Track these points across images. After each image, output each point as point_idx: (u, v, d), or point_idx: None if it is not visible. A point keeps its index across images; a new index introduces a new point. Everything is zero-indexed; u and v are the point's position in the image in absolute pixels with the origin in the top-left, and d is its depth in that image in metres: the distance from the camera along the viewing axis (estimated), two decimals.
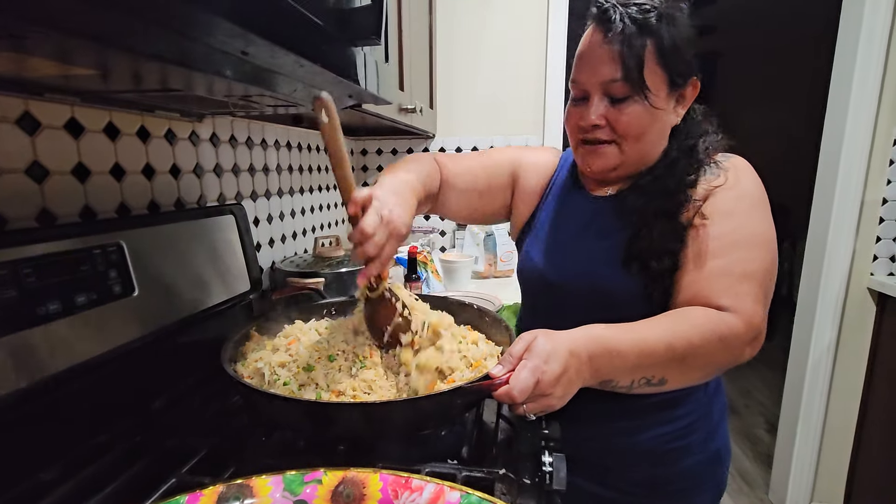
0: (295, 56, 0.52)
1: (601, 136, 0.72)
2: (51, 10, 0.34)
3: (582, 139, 0.75)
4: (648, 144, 0.73)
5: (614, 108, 0.70)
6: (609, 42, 0.67)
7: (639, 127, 0.70)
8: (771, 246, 0.68)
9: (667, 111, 0.72)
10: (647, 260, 0.70)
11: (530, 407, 0.55)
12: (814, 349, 1.89)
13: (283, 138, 1.41)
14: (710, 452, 0.80)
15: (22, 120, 0.68)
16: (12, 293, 0.56)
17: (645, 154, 0.74)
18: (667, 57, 0.67)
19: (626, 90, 0.68)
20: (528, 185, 0.90)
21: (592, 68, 0.69)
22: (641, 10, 0.66)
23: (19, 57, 0.48)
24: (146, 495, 0.51)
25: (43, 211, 0.70)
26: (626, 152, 0.73)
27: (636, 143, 0.72)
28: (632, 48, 0.66)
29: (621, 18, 0.66)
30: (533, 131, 1.98)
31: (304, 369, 0.64)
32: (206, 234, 0.94)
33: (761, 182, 0.72)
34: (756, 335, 0.63)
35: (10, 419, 0.56)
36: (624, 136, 0.71)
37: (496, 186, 0.91)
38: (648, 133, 0.71)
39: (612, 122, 0.71)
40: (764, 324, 0.65)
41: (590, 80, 0.70)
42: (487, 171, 0.90)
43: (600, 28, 0.68)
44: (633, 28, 0.65)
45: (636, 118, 0.69)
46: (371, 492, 0.45)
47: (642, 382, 0.62)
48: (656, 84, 0.68)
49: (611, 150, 0.73)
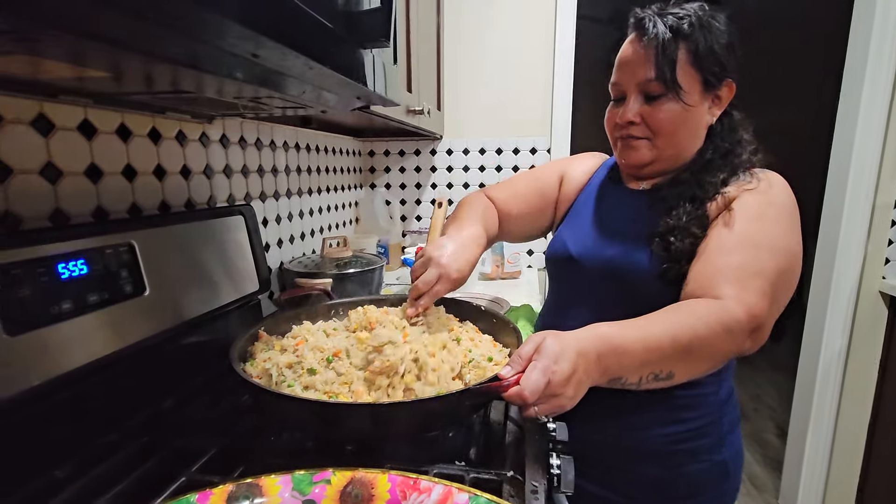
0: (305, 58, 0.52)
1: (635, 133, 0.78)
2: (64, 13, 0.34)
3: (619, 136, 0.81)
4: (682, 141, 0.78)
5: (649, 105, 0.76)
6: (645, 46, 0.74)
7: (672, 123, 0.75)
8: (792, 256, 0.69)
9: (700, 110, 0.76)
10: (669, 238, 0.73)
11: (542, 408, 0.55)
12: (824, 353, 1.87)
13: (291, 140, 1.42)
14: (718, 462, 0.79)
15: (37, 121, 0.69)
16: (27, 292, 0.57)
17: (679, 151, 0.79)
18: (700, 59, 0.73)
19: (661, 89, 0.74)
20: (571, 185, 0.97)
21: (630, 70, 0.76)
22: (676, 18, 0.73)
23: (34, 59, 0.49)
24: (156, 493, 0.51)
25: (56, 211, 0.71)
26: (660, 147, 0.78)
27: (670, 139, 0.77)
28: (665, 51, 0.72)
29: (655, 25, 0.73)
30: (541, 133, 1.97)
31: (309, 372, 0.64)
32: (216, 234, 0.95)
33: (795, 199, 0.74)
34: (757, 326, 0.63)
35: (25, 416, 0.56)
36: (657, 132, 0.76)
37: (548, 201, 0.98)
38: (681, 129, 0.76)
39: (647, 118, 0.76)
40: (768, 319, 0.65)
41: (627, 80, 0.77)
42: (537, 190, 0.98)
43: (638, 35, 0.75)
44: (667, 33, 0.72)
45: (670, 115, 0.75)
46: (379, 492, 0.45)
47: (650, 378, 0.62)
48: (689, 83, 0.74)
49: (645, 145, 0.79)
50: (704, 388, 0.78)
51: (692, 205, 0.75)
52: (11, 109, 0.65)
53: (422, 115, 1.44)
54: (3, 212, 0.64)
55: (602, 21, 1.98)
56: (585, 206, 0.92)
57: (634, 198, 0.85)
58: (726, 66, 0.75)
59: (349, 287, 1.20)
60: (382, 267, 1.33)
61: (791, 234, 0.70)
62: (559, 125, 1.95)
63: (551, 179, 0.99)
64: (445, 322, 0.79)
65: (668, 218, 0.76)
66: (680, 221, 0.74)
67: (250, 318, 1.05)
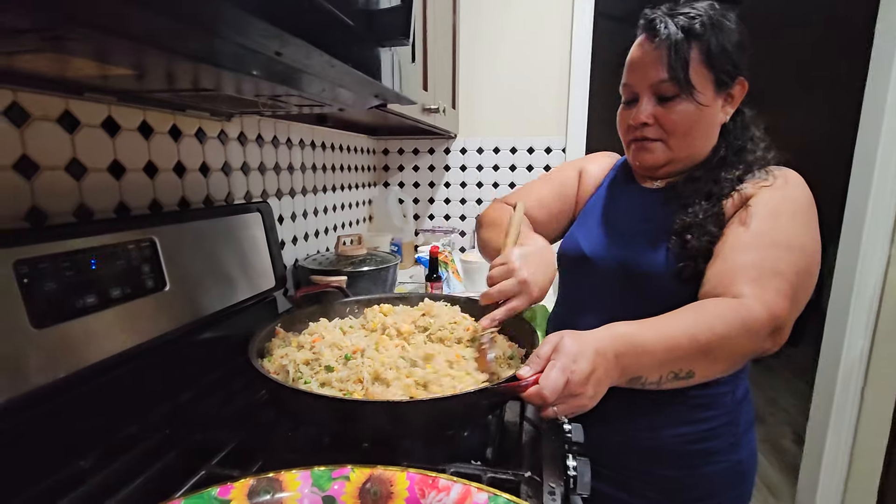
0: (328, 56, 0.52)
1: (649, 134, 0.77)
2: (93, 11, 0.35)
3: (632, 138, 0.80)
4: (697, 141, 0.77)
5: (663, 106, 0.75)
6: (657, 47, 0.73)
7: (686, 123, 0.75)
8: (810, 254, 0.67)
9: (714, 109, 0.75)
10: (686, 235, 0.73)
11: (562, 408, 0.54)
12: (845, 358, 1.83)
13: (307, 137, 1.43)
14: (734, 462, 0.78)
15: (62, 119, 0.70)
16: (53, 286, 0.58)
17: (694, 150, 0.78)
18: (713, 59, 0.72)
19: (674, 89, 0.73)
20: (587, 183, 0.97)
21: (642, 71, 0.76)
22: (687, 18, 0.72)
23: (62, 57, 0.50)
24: (177, 486, 0.52)
25: (80, 206, 0.73)
26: (675, 148, 0.77)
27: (684, 140, 0.76)
28: (678, 51, 0.71)
29: (667, 26, 0.72)
30: (556, 132, 1.96)
31: (326, 369, 0.64)
32: (234, 231, 0.96)
33: (812, 196, 0.72)
34: (778, 327, 0.62)
35: (51, 408, 0.58)
36: (672, 133, 0.76)
37: (569, 202, 0.98)
38: (696, 129, 0.76)
39: (661, 119, 0.76)
40: (788, 319, 0.63)
41: (639, 82, 0.76)
42: (557, 192, 0.97)
43: (649, 36, 0.75)
44: (678, 33, 0.72)
45: (684, 115, 0.74)
46: (398, 490, 0.45)
47: (670, 377, 0.61)
48: (702, 83, 0.73)
49: (659, 147, 0.78)
50: (720, 388, 0.77)
51: (708, 202, 0.75)
52: (39, 106, 0.66)
53: (437, 114, 1.44)
54: (30, 207, 0.66)
55: (618, 18, 1.96)
56: (598, 205, 0.91)
57: (648, 196, 0.84)
58: (738, 64, 0.74)
59: (363, 285, 1.21)
60: (397, 265, 1.33)
61: (808, 230, 0.69)
62: (575, 124, 1.93)
63: (571, 180, 0.98)
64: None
65: (684, 215, 0.75)
66: (696, 218, 0.73)
67: (266, 314, 1.06)
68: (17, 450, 0.54)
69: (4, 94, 0.62)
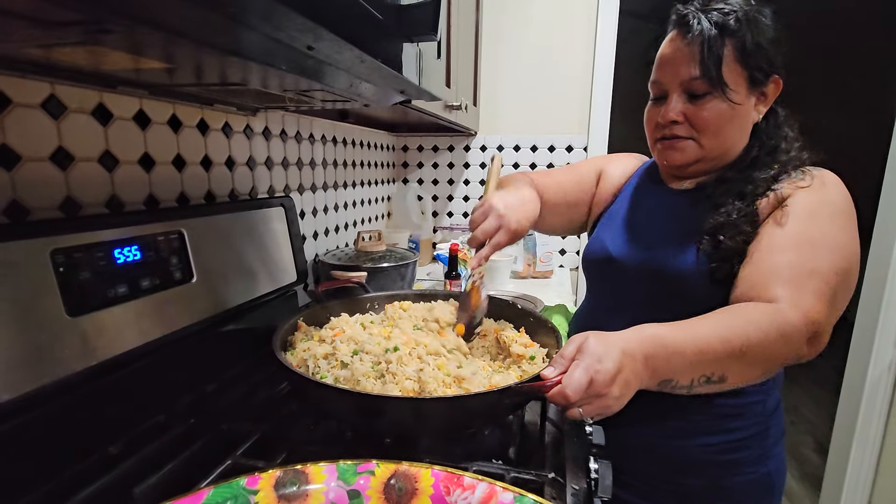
0: (358, 51, 0.52)
1: (678, 132, 0.75)
2: (138, 4, 0.35)
3: (660, 136, 0.78)
4: (728, 140, 0.75)
5: (693, 104, 0.73)
6: (689, 44, 0.71)
7: (718, 122, 0.73)
8: (849, 255, 0.65)
9: (747, 107, 0.73)
10: (719, 236, 0.71)
11: (587, 409, 0.53)
12: (873, 368, 1.77)
13: (329, 133, 1.44)
14: (761, 474, 0.76)
15: (96, 111, 0.71)
16: (86, 275, 0.60)
17: (726, 149, 0.76)
18: (747, 56, 0.70)
19: (706, 87, 0.71)
20: (607, 184, 0.95)
21: (673, 68, 0.73)
22: (721, 13, 0.70)
23: (100, 50, 0.50)
24: (204, 475, 0.53)
25: (112, 198, 0.74)
26: (706, 147, 0.75)
27: (715, 138, 0.74)
28: (711, 48, 0.69)
29: (700, 22, 0.70)
30: (578, 131, 1.94)
31: (342, 364, 0.64)
32: (258, 224, 0.97)
33: (851, 198, 0.70)
34: (815, 332, 0.60)
35: (81, 395, 0.59)
36: (703, 132, 0.74)
37: (585, 195, 0.97)
38: (727, 128, 0.73)
39: (691, 117, 0.74)
40: (827, 323, 0.61)
41: (670, 79, 0.74)
42: (574, 182, 0.97)
43: (680, 31, 0.72)
44: (712, 30, 0.69)
45: (715, 113, 0.72)
46: (423, 486, 0.45)
47: (702, 381, 0.59)
48: (735, 81, 0.71)
49: (690, 145, 0.76)
50: (751, 398, 0.75)
51: (742, 201, 0.72)
52: (75, 99, 0.68)
53: (459, 111, 1.43)
54: (65, 197, 0.67)
55: (643, 16, 1.93)
56: (624, 206, 0.90)
57: (676, 197, 0.82)
58: (773, 61, 0.72)
59: (382, 281, 1.21)
60: (416, 262, 1.33)
61: (848, 232, 0.67)
62: (597, 123, 1.91)
63: (589, 175, 0.97)
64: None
65: (716, 215, 0.73)
66: (730, 218, 0.71)
67: (287, 308, 1.07)
68: (51, 435, 0.55)
69: (43, 87, 0.64)
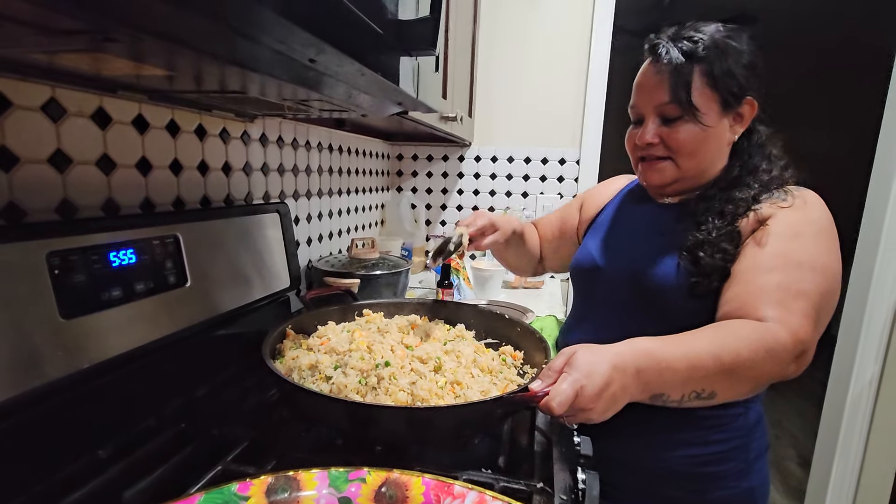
0: (358, 65, 0.53)
1: (656, 153, 0.79)
2: (140, 13, 0.36)
3: (640, 157, 0.82)
4: (705, 160, 0.78)
5: (668, 127, 0.77)
6: (659, 71, 0.75)
7: (691, 143, 0.76)
8: (832, 277, 0.67)
9: (720, 129, 0.76)
10: (698, 252, 0.73)
11: (570, 419, 0.55)
12: (855, 383, 1.81)
13: (325, 140, 1.45)
14: (744, 489, 0.77)
15: (96, 115, 0.72)
16: (81, 278, 0.60)
17: (703, 169, 0.79)
18: (716, 80, 0.73)
19: (677, 111, 0.75)
20: (590, 207, 1.02)
21: (647, 94, 0.78)
22: (691, 42, 0.74)
23: (103, 57, 0.51)
24: (194, 480, 0.53)
25: (108, 201, 0.74)
26: (683, 167, 0.78)
27: (691, 159, 0.77)
28: (679, 75, 0.73)
29: (668, 52, 0.74)
30: (571, 144, 1.97)
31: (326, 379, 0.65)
32: (253, 230, 0.98)
33: (832, 218, 0.72)
34: (803, 351, 0.62)
35: (73, 398, 0.59)
36: (678, 153, 0.77)
37: (570, 227, 1.05)
38: (702, 149, 0.77)
39: (666, 139, 0.77)
40: (812, 342, 0.63)
41: (645, 104, 0.78)
42: (559, 217, 1.08)
43: (652, 60, 0.77)
44: (680, 58, 0.73)
45: (689, 136, 0.75)
46: (413, 495, 0.45)
47: (692, 396, 0.61)
48: (706, 105, 0.74)
49: (667, 166, 0.79)
50: (731, 409, 0.77)
51: (722, 220, 0.74)
52: (75, 102, 0.68)
53: (454, 122, 1.45)
54: (61, 200, 0.67)
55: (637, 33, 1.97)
56: (611, 217, 0.93)
57: (662, 211, 0.85)
58: (745, 85, 0.75)
59: (375, 288, 1.22)
60: (409, 270, 1.34)
61: (832, 253, 0.69)
62: (590, 136, 1.94)
63: (573, 208, 1.06)
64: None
65: (696, 232, 0.75)
66: (709, 236, 0.73)
67: (279, 313, 1.07)
68: (41, 437, 0.55)
69: (43, 90, 0.64)
